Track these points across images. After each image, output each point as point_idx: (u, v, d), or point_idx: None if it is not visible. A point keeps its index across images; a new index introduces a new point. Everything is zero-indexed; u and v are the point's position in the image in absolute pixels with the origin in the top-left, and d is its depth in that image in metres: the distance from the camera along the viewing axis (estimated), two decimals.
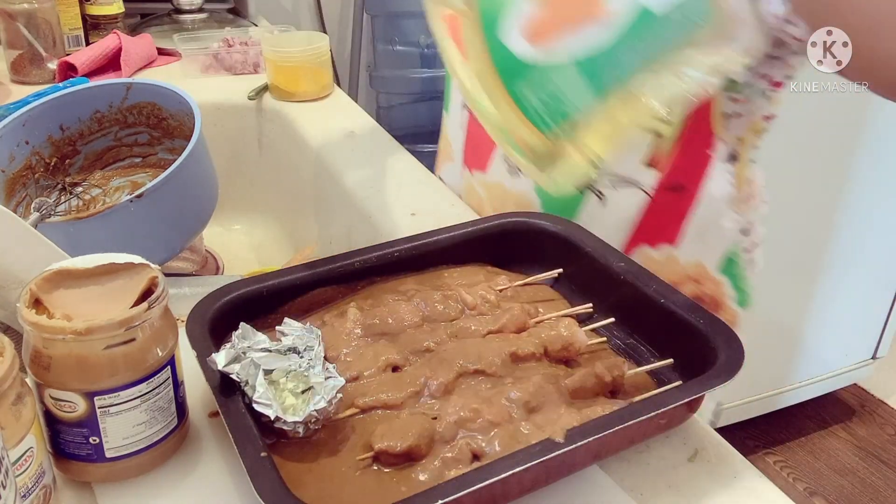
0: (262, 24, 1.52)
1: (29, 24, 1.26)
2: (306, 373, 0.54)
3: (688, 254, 0.77)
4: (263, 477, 0.47)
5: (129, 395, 0.52)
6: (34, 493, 0.50)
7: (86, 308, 0.52)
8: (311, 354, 0.55)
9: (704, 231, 0.75)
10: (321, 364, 0.55)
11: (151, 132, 0.93)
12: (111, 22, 1.40)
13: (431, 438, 0.53)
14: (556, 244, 0.72)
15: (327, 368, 0.55)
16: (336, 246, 1.01)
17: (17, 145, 0.85)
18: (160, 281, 0.53)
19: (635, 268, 0.67)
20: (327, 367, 0.55)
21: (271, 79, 1.23)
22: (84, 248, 0.59)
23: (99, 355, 0.50)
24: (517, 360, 0.60)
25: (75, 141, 0.90)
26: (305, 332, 0.57)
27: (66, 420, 0.51)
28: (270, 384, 0.53)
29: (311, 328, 0.57)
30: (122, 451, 0.53)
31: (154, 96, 0.90)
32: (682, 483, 0.56)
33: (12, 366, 0.47)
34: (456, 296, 0.66)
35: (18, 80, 1.29)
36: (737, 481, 0.56)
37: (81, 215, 0.79)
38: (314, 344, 0.56)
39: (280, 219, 1.23)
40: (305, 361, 0.55)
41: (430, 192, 0.96)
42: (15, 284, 0.63)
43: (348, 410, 0.56)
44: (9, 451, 0.47)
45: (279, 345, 0.55)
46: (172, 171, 0.77)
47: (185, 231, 0.85)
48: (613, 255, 0.68)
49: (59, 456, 0.53)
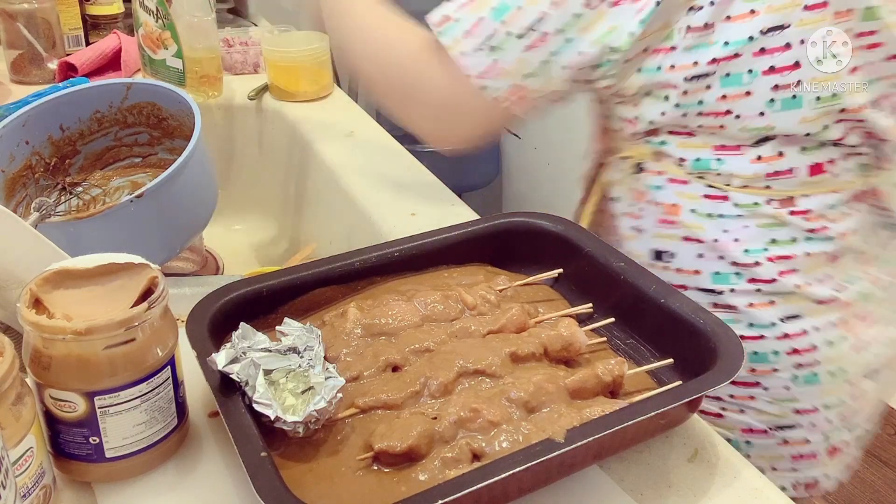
0: (262, 24, 1.52)
1: (29, 24, 1.26)
2: (306, 373, 0.54)
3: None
4: (263, 477, 0.47)
5: (129, 395, 0.52)
6: (34, 493, 0.50)
7: (86, 308, 0.52)
8: (311, 354, 0.55)
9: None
10: (321, 364, 0.55)
11: (151, 132, 0.93)
12: (111, 22, 1.40)
13: (431, 438, 0.53)
14: (555, 244, 0.72)
15: (327, 368, 0.55)
16: (336, 246, 1.01)
17: (17, 145, 0.85)
18: (160, 281, 0.53)
19: (635, 268, 0.67)
20: (327, 367, 0.55)
21: (271, 79, 1.23)
22: (84, 248, 0.59)
23: (99, 355, 0.50)
24: (517, 360, 0.60)
25: (75, 141, 0.90)
26: (305, 332, 0.57)
27: (66, 420, 0.51)
28: (270, 384, 0.53)
29: (311, 328, 0.57)
30: (122, 451, 0.53)
31: (154, 96, 0.90)
32: (682, 483, 0.56)
33: (12, 366, 0.47)
34: (456, 296, 0.66)
35: (18, 80, 1.29)
36: (737, 481, 0.57)
37: (81, 215, 0.79)
38: (314, 344, 0.56)
39: (280, 219, 1.23)
40: (306, 361, 0.55)
41: (430, 192, 0.96)
42: (15, 284, 0.63)
43: (348, 410, 0.56)
44: (9, 451, 0.47)
45: (279, 345, 0.55)
46: (172, 171, 0.77)
47: (185, 231, 0.85)
48: (613, 255, 0.68)
49: (59, 456, 0.53)
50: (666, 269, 0.80)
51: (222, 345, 0.56)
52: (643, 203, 0.80)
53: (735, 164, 0.74)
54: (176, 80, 1.16)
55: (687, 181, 0.76)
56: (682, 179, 0.77)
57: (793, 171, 0.74)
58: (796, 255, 0.76)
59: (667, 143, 0.76)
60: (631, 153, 0.80)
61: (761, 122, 0.72)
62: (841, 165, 0.75)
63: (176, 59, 1.16)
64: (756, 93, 0.70)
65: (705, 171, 0.75)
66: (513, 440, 0.53)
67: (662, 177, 0.78)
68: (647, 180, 0.79)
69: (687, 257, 0.79)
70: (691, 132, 0.74)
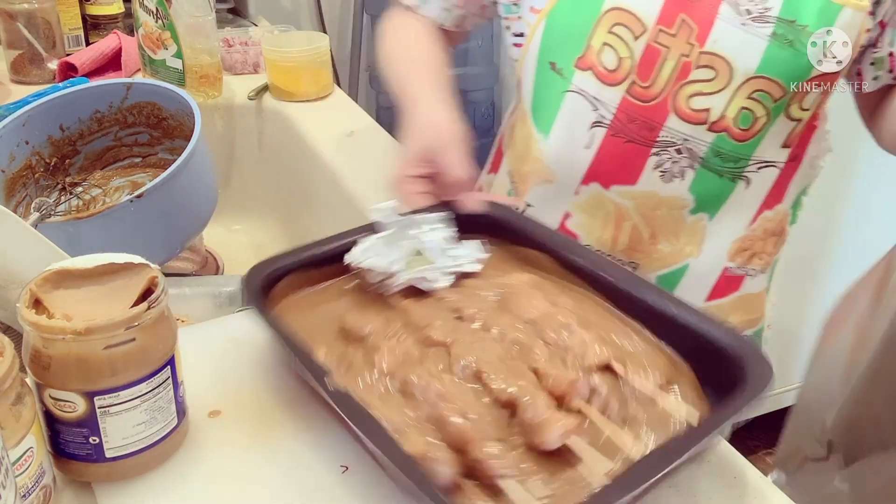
0: (262, 24, 1.52)
1: (29, 24, 1.26)
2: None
3: (787, 205, 0.90)
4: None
5: (129, 395, 0.52)
6: (34, 493, 0.50)
7: (86, 308, 0.52)
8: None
9: (797, 183, 0.89)
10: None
11: (151, 132, 0.93)
12: (111, 22, 1.40)
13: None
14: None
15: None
16: None
17: (17, 145, 0.85)
18: (160, 281, 0.53)
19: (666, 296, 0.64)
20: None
21: (271, 79, 1.23)
22: (84, 248, 0.59)
23: (99, 355, 0.50)
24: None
25: (75, 141, 0.90)
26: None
27: (66, 420, 0.51)
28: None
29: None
30: (121, 450, 0.53)
31: (154, 96, 0.90)
32: (683, 483, 0.56)
33: (12, 366, 0.47)
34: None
35: (18, 80, 1.29)
36: (738, 481, 0.56)
37: (81, 215, 0.79)
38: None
39: (280, 219, 1.23)
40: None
41: None
42: (15, 284, 0.63)
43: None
44: (9, 451, 0.47)
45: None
46: (172, 171, 0.77)
47: (185, 231, 0.85)
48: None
49: (59, 456, 0.53)
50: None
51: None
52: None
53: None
54: (176, 80, 1.16)
55: None
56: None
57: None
58: None
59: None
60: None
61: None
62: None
63: (176, 59, 1.16)
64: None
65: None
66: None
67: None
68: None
69: None
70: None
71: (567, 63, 0.80)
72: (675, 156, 0.79)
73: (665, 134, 0.78)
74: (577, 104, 0.80)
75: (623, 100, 0.78)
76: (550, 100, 0.82)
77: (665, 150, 0.79)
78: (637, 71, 0.77)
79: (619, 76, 0.77)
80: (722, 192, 0.82)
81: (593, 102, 0.79)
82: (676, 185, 0.81)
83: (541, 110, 0.85)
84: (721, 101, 0.76)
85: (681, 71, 0.76)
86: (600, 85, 0.78)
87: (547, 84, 0.82)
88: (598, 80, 0.78)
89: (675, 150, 0.79)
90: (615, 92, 0.78)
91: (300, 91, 1.21)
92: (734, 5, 0.73)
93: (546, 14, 0.80)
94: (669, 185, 0.81)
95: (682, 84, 0.76)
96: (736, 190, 0.83)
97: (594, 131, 0.80)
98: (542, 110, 0.84)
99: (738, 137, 0.78)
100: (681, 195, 0.82)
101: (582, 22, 0.78)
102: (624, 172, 0.81)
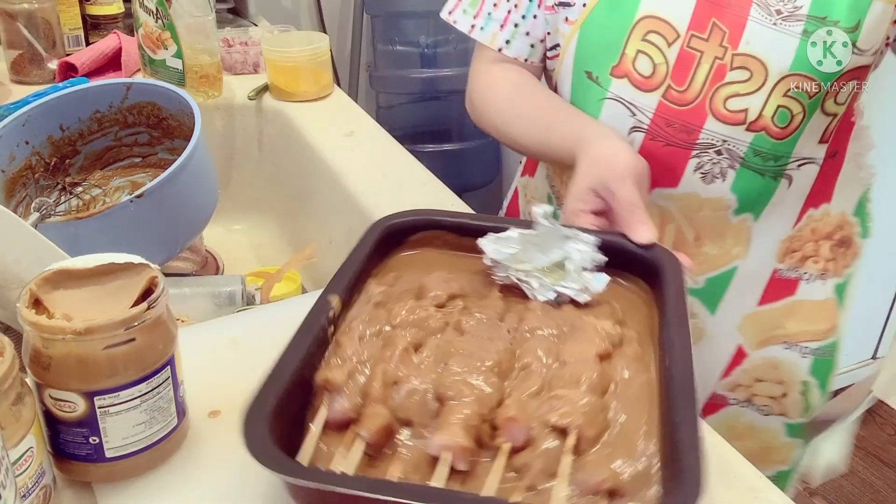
0: (262, 24, 1.52)
1: (29, 24, 1.26)
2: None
3: (836, 206, 0.90)
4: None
5: (129, 395, 0.52)
6: (34, 493, 0.50)
7: (86, 308, 0.52)
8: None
9: (846, 184, 0.90)
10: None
11: (151, 132, 0.93)
12: (111, 22, 1.40)
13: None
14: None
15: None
16: (336, 246, 1.01)
17: (17, 145, 0.85)
18: (160, 281, 0.53)
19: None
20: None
21: (271, 79, 1.23)
22: (84, 248, 0.59)
23: (99, 355, 0.50)
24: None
25: (75, 141, 0.90)
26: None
27: (66, 420, 0.51)
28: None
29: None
30: (121, 451, 0.53)
31: (154, 96, 0.90)
32: None
33: (12, 366, 0.47)
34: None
35: (18, 80, 1.29)
36: (737, 481, 0.57)
37: (81, 215, 0.79)
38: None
39: (280, 219, 1.23)
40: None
41: (430, 192, 0.96)
42: (15, 284, 0.63)
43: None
44: (9, 451, 0.47)
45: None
46: (172, 171, 0.77)
47: (185, 231, 0.85)
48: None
49: (59, 456, 0.53)
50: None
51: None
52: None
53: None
54: (176, 80, 1.16)
55: None
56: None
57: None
58: None
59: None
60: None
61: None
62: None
63: (176, 59, 1.16)
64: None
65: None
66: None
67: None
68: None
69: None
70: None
71: (603, 71, 0.80)
72: (715, 157, 0.79)
73: (704, 136, 0.78)
74: (616, 111, 0.81)
75: (659, 104, 0.78)
76: (589, 107, 0.83)
77: (705, 151, 0.79)
78: (672, 76, 0.77)
79: (655, 82, 0.78)
80: (765, 191, 0.83)
81: (630, 108, 0.80)
82: (718, 185, 0.81)
83: None
84: (758, 101, 0.76)
85: (716, 74, 0.76)
86: (636, 91, 0.79)
87: (584, 92, 0.83)
88: (633, 87, 0.79)
89: (715, 151, 0.79)
90: (651, 97, 0.79)
91: (300, 91, 1.21)
92: (764, 6, 0.74)
93: (580, 25, 0.80)
94: (711, 187, 0.81)
95: (717, 86, 0.76)
96: (779, 189, 0.83)
97: (633, 136, 0.81)
98: None
99: (776, 136, 0.78)
100: (723, 196, 0.82)
101: (616, 31, 0.78)
102: (665, 175, 0.81)
